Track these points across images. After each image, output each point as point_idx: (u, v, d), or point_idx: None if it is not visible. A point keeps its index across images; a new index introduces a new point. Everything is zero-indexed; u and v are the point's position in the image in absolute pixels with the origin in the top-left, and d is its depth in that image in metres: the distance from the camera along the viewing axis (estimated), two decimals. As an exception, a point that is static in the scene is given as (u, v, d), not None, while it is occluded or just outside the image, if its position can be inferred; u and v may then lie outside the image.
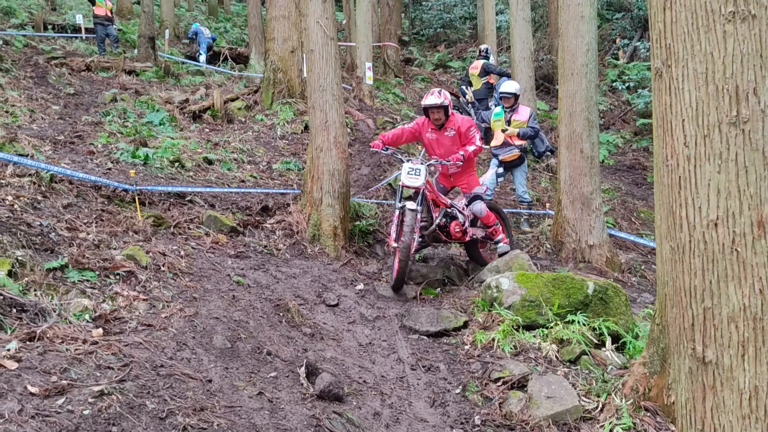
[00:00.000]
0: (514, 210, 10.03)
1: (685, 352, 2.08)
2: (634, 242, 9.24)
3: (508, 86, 9.69)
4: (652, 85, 2.27)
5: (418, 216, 6.75)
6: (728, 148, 1.93)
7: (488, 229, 7.46)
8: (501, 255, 7.36)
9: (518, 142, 9.39)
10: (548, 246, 8.58)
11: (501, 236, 7.54)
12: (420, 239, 6.99)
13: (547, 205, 9.87)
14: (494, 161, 9.61)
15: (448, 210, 7.25)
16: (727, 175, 1.94)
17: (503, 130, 9.43)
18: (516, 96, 9.60)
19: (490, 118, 9.83)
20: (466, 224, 7.30)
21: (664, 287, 2.81)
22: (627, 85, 16.65)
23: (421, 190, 6.82)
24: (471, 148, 6.99)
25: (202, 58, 18.03)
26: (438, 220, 7.09)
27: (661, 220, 2.32)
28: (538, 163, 12.74)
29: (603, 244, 8.12)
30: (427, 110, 7.11)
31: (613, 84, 17.50)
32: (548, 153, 12.45)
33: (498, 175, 9.57)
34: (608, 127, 16.31)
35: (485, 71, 13.25)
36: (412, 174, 6.76)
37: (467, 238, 7.39)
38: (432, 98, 7.00)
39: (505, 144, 9.41)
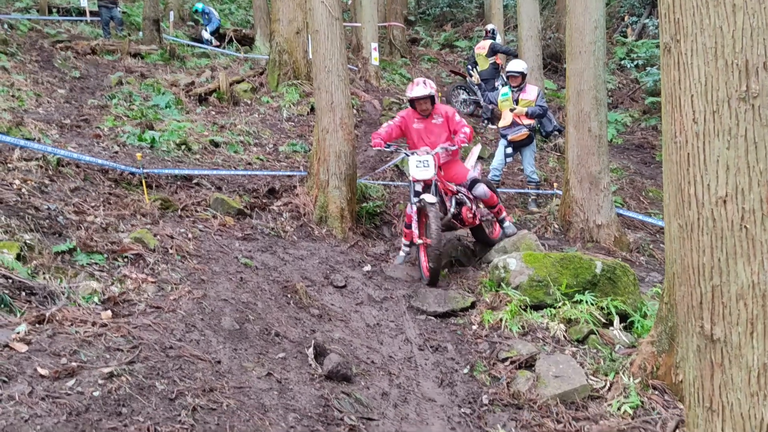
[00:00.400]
0: (522, 190, 9.99)
1: (693, 330, 2.07)
2: (642, 221, 9.19)
3: (515, 65, 9.62)
4: (661, 60, 2.23)
5: (435, 208, 6.68)
6: (737, 123, 1.90)
7: (493, 209, 7.38)
8: (508, 236, 7.30)
9: (526, 122, 9.34)
10: (556, 226, 8.55)
11: (504, 215, 7.48)
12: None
13: (555, 184, 9.82)
14: (502, 141, 9.56)
15: (458, 197, 7.18)
16: (737, 152, 1.91)
17: (511, 110, 9.37)
18: (523, 75, 9.53)
19: (498, 98, 9.76)
20: (474, 208, 7.24)
21: (672, 266, 2.79)
22: (635, 63, 16.47)
23: (434, 181, 6.77)
24: (468, 130, 6.93)
25: (207, 34, 17.92)
26: (453, 209, 7.01)
27: (669, 198, 2.30)
28: (546, 143, 12.66)
29: (611, 224, 8.08)
30: (413, 102, 7.06)
31: (622, 62, 17.32)
32: (556, 132, 12.38)
33: (506, 155, 9.52)
34: (616, 105, 16.18)
35: (492, 51, 13.12)
36: (422, 166, 6.71)
37: (478, 222, 7.33)
38: (419, 89, 6.95)
39: (513, 124, 9.36)
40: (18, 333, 3.64)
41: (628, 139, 14.10)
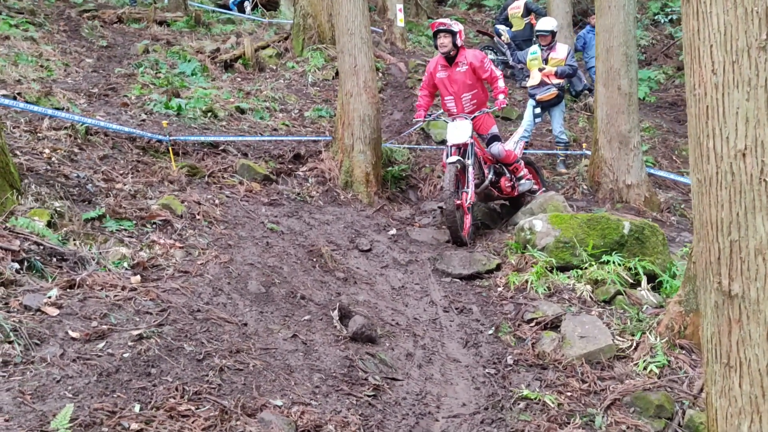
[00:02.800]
0: (550, 151, 9.86)
1: (711, 286, 2.04)
2: (674, 181, 9.01)
3: (545, 23, 9.40)
4: (681, 10, 2.16)
5: (471, 170, 6.67)
6: (757, 74, 1.84)
7: (509, 167, 7.26)
8: (523, 192, 7.35)
9: (556, 81, 9.14)
10: (585, 187, 8.44)
11: (524, 172, 7.37)
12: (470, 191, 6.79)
13: (584, 145, 9.65)
14: (531, 101, 9.39)
15: (496, 166, 7.13)
16: (756, 103, 1.85)
17: (540, 69, 9.18)
18: (553, 33, 9.31)
19: (526, 57, 9.55)
20: (514, 179, 7.22)
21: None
22: (670, 18, 15.94)
23: (469, 145, 6.71)
24: (502, 84, 6.83)
25: (248, 8, 17.82)
26: (491, 177, 6.97)
27: (690, 154, 2.25)
28: (576, 103, 12.41)
29: (641, 184, 7.94)
30: (435, 36, 6.87)
31: (656, 17, 16.77)
32: (586, 92, 12.13)
33: (535, 116, 9.35)
34: (650, 62, 15.74)
35: (527, 11, 12.77)
36: (456, 131, 6.70)
37: (516, 193, 7.31)
38: (442, 21, 6.91)
39: (542, 83, 9.17)
40: (50, 297, 3.75)
41: (661, 97, 13.75)
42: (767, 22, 1.79)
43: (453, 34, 6.72)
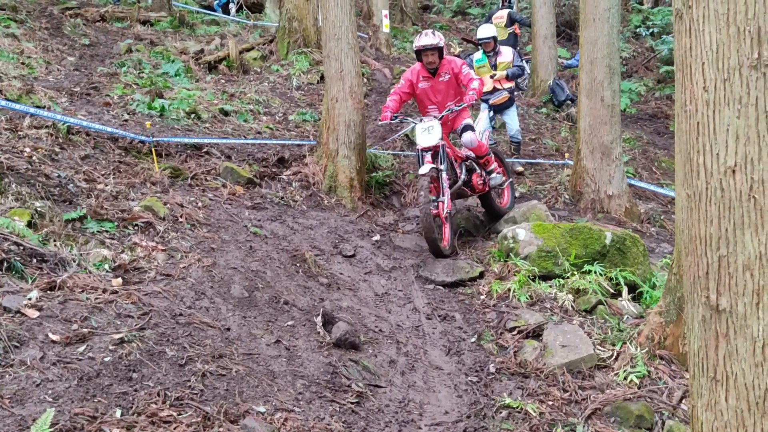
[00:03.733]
0: (532, 161, 9.93)
1: (699, 300, 2.06)
2: (654, 192, 9.12)
3: (484, 31, 9.53)
4: (674, 27, 2.19)
5: (445, 175, 6.45)
6: (748, 92, 1.87)
7: (480, 159, 7.06)
8: (494, 187, 7.22)
9: (507, 85, 9.37)
10: (567, 196, 8.51)
11: (494, 166, 7.19)
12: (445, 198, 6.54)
13: (567, 155, 9.74)
14: (483, 105, 9.55)
15: (467, 163, 6.96)
16: (747, 120, 1.88)
17: (492, 76, 9.32)
18: (495, 39, 9.46)
19: (473, 65, 9.62)
20: (484, 174, 7.11)
21: (681, 236, 2.78)
22: (651, 31, 16.16)
23: (441, 147, 6.49)
24: (476, 84, 6.53)
25: (233, 9, 17.77)
26: (463, 176, 6.79)
27: (678, 168, 2.28)
28: (558, 112, 12.53)
29: (622, 194, 8.03)
30: (419, 53, 6.64)
31: (637, 30, 16.99)
32: (569, 102, 12.26)
33: (490, 120, 9.54)
34: (631, 74, 15.93)
35: (511, 20, 12.88)
36: (426, 132, 6.43)
37: (487, 188, 7.16)
38: (426, 39, 6.55)
39: (494, 89, 9.34)
40: (29, 299, 3.69)
41: (641, 109, 13.92)
42: (759, 41, 1.82)
43: (440, 50, 6.57)
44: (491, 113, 9.49)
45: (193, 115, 8.35)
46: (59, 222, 4.75)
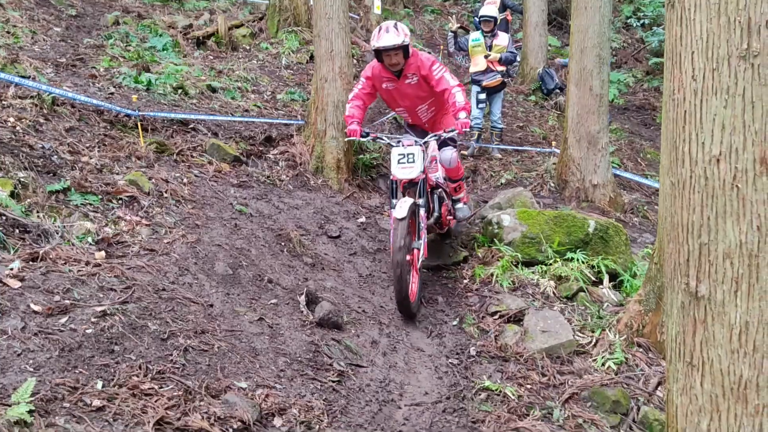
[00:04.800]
0: (520, 148, 9.96)
1: (679, 286, 2.10)
2: (638, 183, 9.21)
3: (488, 10, 9.53)
4: (665, 16, 2.21)
5: (423, 213, 5.33)
6: (736, 82, 1.89)
7: (453, 183, 6.08)
8: (460, 221, 6.28)
9: (499, 68, 9.34)
10: (552, 184, 8.55)
11: (463, 194, 6.22)
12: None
13: (553, 143, 9.79)
14: (475, 88, 9.50)
15: (437, 192, 5.82)
16: (733, 110, 1.91)
17: (486, 56, 9.30)
18: (496, 20, 9.45)
19: (468, 44, 9.60)
20: (450, 204, 6.11)
21: (664, 223, 2.81)
22: (642, 21, 16.18)
23: (420, 181, 5.31)
24: (460, 99, 5.31)
25: None
26: (438, 211, 5.73)
27: (664, 157, 2.31)
28: (547, 101, 12.56)
29: (607, 184, 8.08)
30: (380, 54, 5.37)
31: (628, 20, 17.01)
32: (557, 90, 12.28)
33: (479, 102, 9.48)
34: (620, 65, 15.97)
35: (504, 6, 12.84)
36: (404, 162, 5.20)
37: (453, 225, 6.24)
38: (388, 37, 5.23)
39: (487, 70, 9.32)
40: (11, 269, 3.66)
41: (629, 100, 13.98)
42: (749, 32, 1.84)
43: (404, 49, 5.32)
44: (483, 95, 9.45)
45: (180, 91, 8.27)
46: (43, 193, 4.71)
